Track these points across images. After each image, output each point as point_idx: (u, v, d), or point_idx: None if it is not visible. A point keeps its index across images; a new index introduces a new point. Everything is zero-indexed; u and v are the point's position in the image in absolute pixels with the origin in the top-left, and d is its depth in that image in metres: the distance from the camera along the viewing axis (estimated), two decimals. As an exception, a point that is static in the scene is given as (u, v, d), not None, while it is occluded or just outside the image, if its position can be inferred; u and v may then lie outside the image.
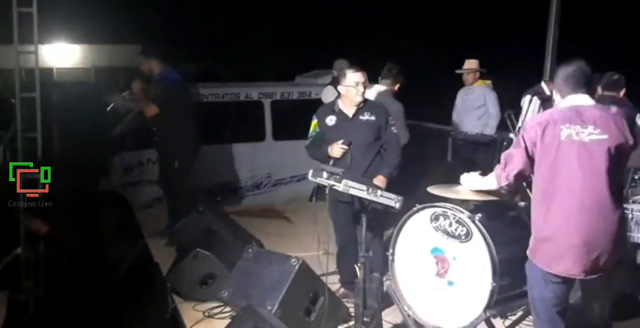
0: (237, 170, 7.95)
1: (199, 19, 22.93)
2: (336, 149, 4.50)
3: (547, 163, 3.03)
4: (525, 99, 6.19)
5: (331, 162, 4.45)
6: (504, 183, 3.26)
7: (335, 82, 6.42)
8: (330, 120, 4.66)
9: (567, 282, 3.12)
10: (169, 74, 6.18)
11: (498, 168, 3.28)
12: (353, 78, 4.53)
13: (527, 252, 3.20)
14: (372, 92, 5.66)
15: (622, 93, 5.37)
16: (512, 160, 3.18)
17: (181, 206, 6.30)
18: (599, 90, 5.52)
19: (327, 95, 6.52)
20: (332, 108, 4.70)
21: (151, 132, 6.44)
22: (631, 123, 5.11)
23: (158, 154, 6.62)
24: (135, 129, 7.48)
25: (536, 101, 6.26)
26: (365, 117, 4.58)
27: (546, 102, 6.43)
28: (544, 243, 3.09)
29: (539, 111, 6.33)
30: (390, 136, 4.61)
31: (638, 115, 5.18)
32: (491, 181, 3.37)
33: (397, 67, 6.00)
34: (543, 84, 6.57)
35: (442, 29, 20.85)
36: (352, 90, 4.53)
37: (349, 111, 4.62)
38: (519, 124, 5.80)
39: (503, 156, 3.27)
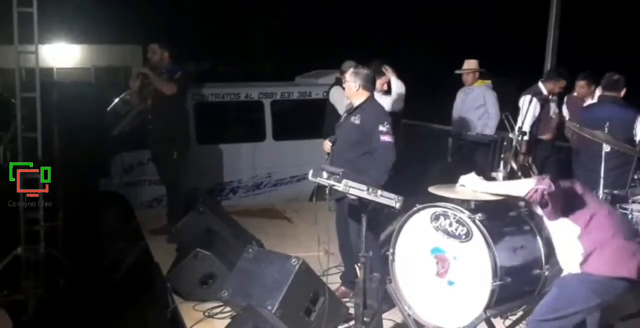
0: (237, 170, 7.96)
1: (199, 19, 22.95)
2: (324, 144, 4.67)
3: None
4: (525, 100, 6.19)
5: (325, 157, 4.59)
6: (536, 198, 3.20)
7: (339, 82, 6.44)
8: (343, 117, 4.80)
9: (622, 287, 3.14)
10: (176, 68, 6.44)
11: (539, 178, 3.22)
12: None
13: (576, 268, 3.19)
14: None
15: (622, 93, 5.37)
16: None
17: (176, 204, 6.35)
18: (600, 90, 5.52)
19: (335, 95, 6.52)
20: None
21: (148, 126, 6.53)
22: (632, 123, 5.12)
23: (153, 146, 6.64)
24: (135, 129, 7.49)
25: (536, 102, 6.26)
26: (354, 119, 4.56)
27: (545, 103, 6.44)
28: (605, 247, 3.12)
29: (539, 112, 6.33)
30: (377, 145, 4.43)
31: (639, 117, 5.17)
32: (519, 189, 3.30)
33: (380, 62, 5.94)
34: (540, 84, 6.56)
35: (442, 29, 20.86)
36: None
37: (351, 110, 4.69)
38: (519, 124, 5.78)
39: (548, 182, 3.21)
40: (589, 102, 6.49)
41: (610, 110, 5.18)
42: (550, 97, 6.55)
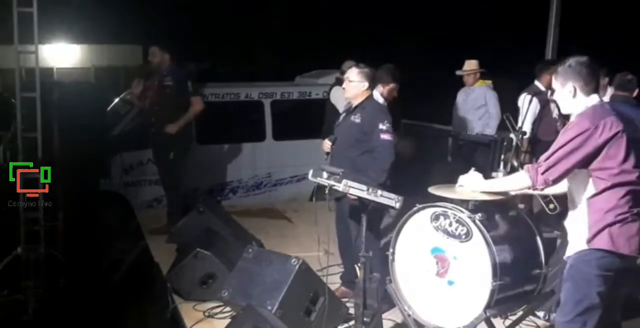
0: (237, 170, 7.95)
1: (199, 19, 22.94)
2: (323, 143, 4.64)
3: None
4: (525, 99, 6.17)
5: (325, 157, 4.57)
6: (541, 186, 3.10)
7: (339, 82, 6.43)
8: (342, 116, 4.77)
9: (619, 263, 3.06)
10: (177, 69, 6.46)
11: (533, 169, 3.09)
12: None
13: (583, 245, 3.07)
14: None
15: (635, 93, 5.34)
16: (560, 163, 3.02)
17: (175, 204, 6.35)
18: (612, 89, 5.49)
19: (336, 95, 6.51)
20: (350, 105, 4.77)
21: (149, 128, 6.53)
22: None
23: (153, 147, 6.65)
24: (135, 129, 7.49)
25: (537, 102, 6.24)
26: (354, 118, 4.55)
27: (546, 104, 6.41)
28: (626, 224, 3.01)
29: (538, 113, 6.31)
30: (377, 143, 4.42)
31: None
32: (520, 183, 3.22)
33: (391, 68, 5.73)
34: (537, 83, 6.53)
35: (442, 29, 20.85)
36: None
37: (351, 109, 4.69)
38: (519, 124, 5.78)
39: (544, 157, 3.07)
40: None
41: (622, 110, 5.15)
42: (550, 95, 6.52)
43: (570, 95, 3.13)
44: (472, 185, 3.59)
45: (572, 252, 3.15)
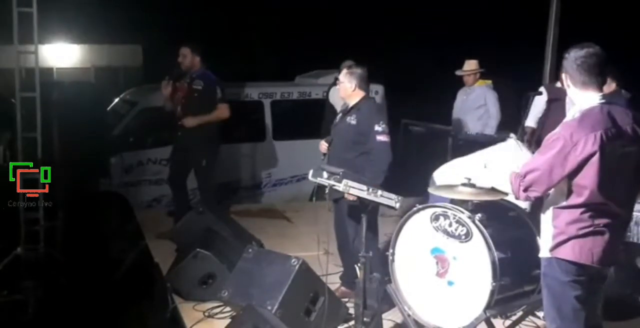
0: (237, 170, 7.96)
1: (199, 19, 22.94)
2: (320, 145, 4.68)
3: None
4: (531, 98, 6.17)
5: (322, 157, 4.61)
6: (522, 200, 3.11)
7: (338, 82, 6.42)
8: (338, 117, 4.77)
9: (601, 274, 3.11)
10: (208, 73, 6.23)
11: (516, 182, 3.04)
12: None
13: (547, 252, 3.08)
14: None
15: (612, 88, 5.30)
16: (540, 182, 2.97)
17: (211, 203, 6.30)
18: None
19: (335, 95, 6.52)
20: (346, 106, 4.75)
21: (170, 130, 6.43)
22: None
23: (179, 152, 6.41)
24: (135, 129, 7.48)
25: (536, 101, 6.24)
26: (350, 119, 4.52)
27: (554, 101, 6.38)
28: (589, 237, 2.99)
29: (544, 110, 6.29)
30: (373, 145, 4.40)
31: None
32: (506, 187, 3.22)
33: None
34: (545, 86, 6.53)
35: (442, 28, 20.86)
36: None
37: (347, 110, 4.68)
38: (522, 122, 5.80)
39: (524, 172, 3.00)
40: None
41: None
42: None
43: (566, 84, 3.08)
44: (503, 169, 3.47)
45: (541, 255, 3.17)
